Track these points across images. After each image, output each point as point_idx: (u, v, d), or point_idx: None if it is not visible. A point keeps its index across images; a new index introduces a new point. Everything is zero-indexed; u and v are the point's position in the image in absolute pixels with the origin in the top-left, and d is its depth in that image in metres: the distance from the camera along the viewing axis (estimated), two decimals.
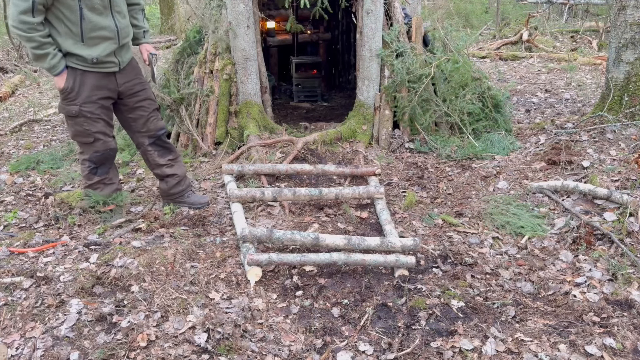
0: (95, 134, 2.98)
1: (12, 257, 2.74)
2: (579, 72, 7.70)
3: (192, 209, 3.35)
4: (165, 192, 3.34)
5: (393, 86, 4.45)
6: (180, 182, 3.33)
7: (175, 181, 3.31)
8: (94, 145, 3.02)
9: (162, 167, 3.27)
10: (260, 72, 4.63)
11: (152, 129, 3.18)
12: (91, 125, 2.95)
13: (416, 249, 2.74)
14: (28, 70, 8.30)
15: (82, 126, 2.95)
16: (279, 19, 6.87)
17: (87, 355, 1.99)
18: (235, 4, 4.30)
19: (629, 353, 2.07)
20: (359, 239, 2.77)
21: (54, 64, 2.77)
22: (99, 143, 3.01)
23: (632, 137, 3.98)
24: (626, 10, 4.11)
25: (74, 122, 2.95)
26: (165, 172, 3.28)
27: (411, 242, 2.74)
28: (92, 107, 2.92)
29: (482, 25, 12.28)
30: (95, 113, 2.93)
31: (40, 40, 2.67)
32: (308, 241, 2.75)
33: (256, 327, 2.22)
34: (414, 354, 2.09)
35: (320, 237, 2.75)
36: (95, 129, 2.97)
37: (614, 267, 2.60)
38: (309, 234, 2.76)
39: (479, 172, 3.92)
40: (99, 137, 3.00)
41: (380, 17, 4.45)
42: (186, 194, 3.37)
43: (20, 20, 2.61)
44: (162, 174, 3.29)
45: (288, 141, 4.18)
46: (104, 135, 3.02)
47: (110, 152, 3.11)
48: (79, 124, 2.94)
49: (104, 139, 3.02)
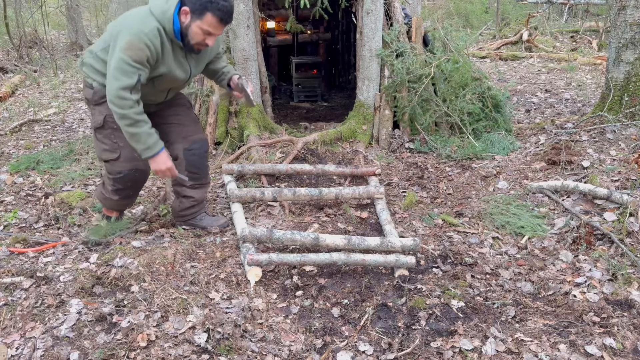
0: (122, 148, 2.71)
1: (12, 257, 2.74)
2: (579, 72, 7.70)
3: (205, 230, 3.11)
4: (176, 211, 3.08)
5: (393, 86, 4.45)
6: (195, 205, 3.07)
7: (189, 204, 3.04)
8: (118, 163, 2.75)
9: (185, 187, 2.99)
10: (260, 72, 4.63)
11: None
12: (119, 138, 2.69)
13: (416, 249, 2.74)
14: (28, 70, 8.30)
15: (109, 139, 2.71)
16: (279, 19, 6.87)
17: (87, 355, 1.99)
18: (235, 4, 4.30)
19: (629, 353, 2.07)
20: (359, 239, 2.77)
21: (150, 144, 2.55)
22: (123, 160, 2.73)
23: (632, 137, 3.98)
24: (626, 10, 4.11)
25: (102, 135, 2.73)
26: (185, 192, 3.01)
27: (411, 242, 2.73)
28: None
29: (482, 25, 12.28)
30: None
31: (134, 117, 2.48)
32: (308, 241, 2.75)
33: (256, 327, 2.22)
34: (414, 354, 2.09)
35: (320, 237, 2.75)
36: (123, 142, 2.68)
37: (614, 267, 2.60)
38: (309, 234, 2.76)
39: (479, 172, 3.92)
40: (126, 154, 2.72)
41: (380, 17, 4.45)
42: (198, 216, 3.11)
43: (118, 96, 2.44)
44: (181, 192, 3.02)
45: (288, 141, 4.18)
46: (131, 151, 2.70)
47: (137, 173, 2.81)
48: (106, 136, 2.72)
49: (131, 155, 2.72)
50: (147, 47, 2.44)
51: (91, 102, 2.72)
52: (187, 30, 2.51)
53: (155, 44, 2.47)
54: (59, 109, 6.33)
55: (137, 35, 2.42)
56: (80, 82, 7.94)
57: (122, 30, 2.46)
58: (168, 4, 2.49)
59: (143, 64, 2.45)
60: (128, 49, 2.41)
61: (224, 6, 2.46)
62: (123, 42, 2.42)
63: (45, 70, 8.72)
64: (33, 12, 10.72)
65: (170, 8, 2.47)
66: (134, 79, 2.44)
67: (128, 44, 2.41)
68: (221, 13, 2.45)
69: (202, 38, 2.52)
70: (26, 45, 9.41)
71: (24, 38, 9.32)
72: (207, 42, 2.55)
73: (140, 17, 2.49)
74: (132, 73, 2.43)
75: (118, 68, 2.43)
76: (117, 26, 2.54)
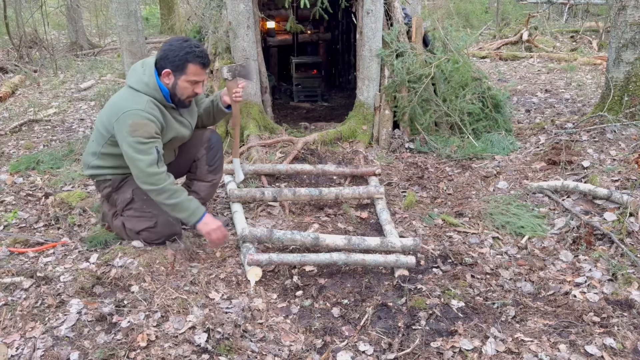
0: (158, 215, 2.67)
1: (12, 257, 2.73)
2: (579, 72, 7.70)
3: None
4: None
5: (393, 86, 4.45)
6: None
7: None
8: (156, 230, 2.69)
9: (195, 180, 2.98)
10: (260, 72, 4.63)
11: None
12: (152, 207, 2.67)
13: (416, 249, 2.74)
14: (28, 70, 8.30)
15: (141, 210, 2.69)
16: (279, 19, 6.86)
17: (87, 355, 1.99)
18: (235, 4, 4.30)
19: (629, 353, 2.07)
20: (359, 239, 2.77)
21: (194, 209, 2.57)
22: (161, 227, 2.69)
23: (632, 137, 3.97)
24: (626, 10, 4.11)
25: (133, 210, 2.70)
26: (193, 187, 2.99)
27: (411, 242, 2.74)
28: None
29: (482, 25, 12.28)
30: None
31: (171, 188, 2.52)
32: (308, 241, 2.75)
33: (256, 327, 2.22)
34: (414, 354, 2.09)
35: (320, 237, 2.75)
36: (156, 210, 2.67)
37: (614, 267, 2.60)
38: (309, 234, 2.76)
39: (479, 172, 3.92)
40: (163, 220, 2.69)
41: (380, 17, 4.45)
42: None
43: (148, 174, 2.48)
44: (190, 185, 3.01)
45: (288, 141, 4.18)
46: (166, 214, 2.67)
47: (173, 237, 2.77)
48: (137, 209, 2.69)
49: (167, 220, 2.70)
50: (151, 121, 2.49)
51: (114, 189, 2.74)
52: (175, 89, 2.58)
53: (156, 115, 2.53)
54: (59, 109, 6.33)
55: (136, 115, 2.46)
56: (80, 82, 7.94)
57: (118, 117, 2.49)
58: (146, 75, 2.54)
59: (154, 137, 2.51)
60: (135, 130, 2.46)
61: (201, 52, 2.55)
62: (127, 127, 2.46)
63: (45, 70, 8.72)
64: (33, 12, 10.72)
65: (150, 78, 2.53)
66: (154, 153, 2.50)
67: (133, 127, 2.46)
68: (201, 59, 2.54)
69: (191, 89, 2.59)
70: (26, 45, 9.40)
71: (24, 38, 9.32)
72: (196, 91, 2.62)
73: (129, 99, 2.52)
74: (150, 148, 2.49)
75: (135, 150, 2.47)
76: (109, 118, 2.56)
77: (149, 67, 2.57)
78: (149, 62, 2.61)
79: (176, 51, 2.52)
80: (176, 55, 2.51)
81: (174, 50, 2.52)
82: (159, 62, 2.56)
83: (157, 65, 2.56)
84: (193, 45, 2.53)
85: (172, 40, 2.58)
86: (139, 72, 2.58)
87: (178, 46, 2.52)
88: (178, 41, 2.55)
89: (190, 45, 2.52)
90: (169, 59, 2.52)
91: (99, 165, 2.70)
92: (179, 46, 2.52)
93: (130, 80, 2.57)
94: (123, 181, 2.73)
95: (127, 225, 2.77)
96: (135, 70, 2.61)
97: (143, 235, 2.74)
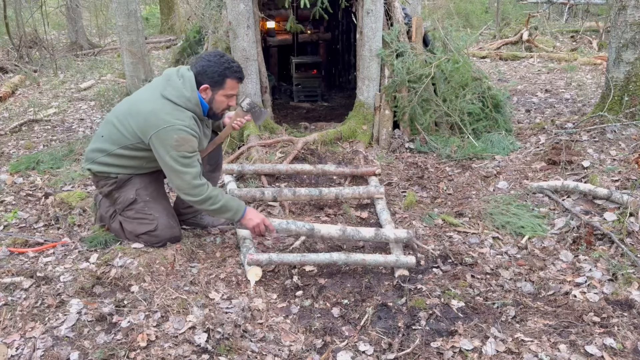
0: (158, 218, 2.72)
1: (12, 257, 2.73)
2: (579, 72, 7.70)
3: (205, 230, 3.10)
4: (178, 210, 3.01)
5: (393, 86, 4.45)
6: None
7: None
8: (156, 233, 2.72)
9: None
10: (260, 72, 4.63)
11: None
12: (153, 209, 2.73)
13: (410, 241, 2.77)
14: (28, 70, 8.30)
15: (142, 212, 2.72)
16: (279, 19, 6.87)
17: (87, 355, 1.99)
18: (235, 4, 4.30)
19: (629, 353, 2.07)
20: (354, 230, 2.80)
21: (236, 207, 2.65)
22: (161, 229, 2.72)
23: (632, 137, 3.97)
24: (626, 10, 4.11)
25: (134, 211, 2.72)
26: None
27: (404, 234, 2.77)
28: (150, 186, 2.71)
29: (482, 25, 12.28)
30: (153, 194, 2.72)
31: (213, 194, 2.58)
32: (303, 231, 2.78)
33: (256, 327, 2.22)
34: (414, 354, 2.09)
35: (315, 228, 2.78)
36: (157, 212, 2.72)
37: (614, 267, 2.60)
38: (304, 224, 2.80)
39: (479, 172, 3.92)
40: (163, 222, 2.72)
41: (380, 17, 4.45)
42: (199, 215, 3.09)
43: (194, 186, 2.54)
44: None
45: (288, 141, 4.18)
46: (167, 217, 2.75)
47: (173, 240, 2.79)
48: (138, 211, 2.72)
49: (167, 223, 2.74)
50: (194, 137, 2.55)
51: (116, 188, 2.73)
52: (212, 103, 2.64)
53: (197, 131, 2.59)
54: (59, 109, 6.33)
55: (181, 130, 2.50)
56: (80, 82, 7.94)
57: (158, 130, 2.50)
58: (188, 90, 2.56)
59: (196, 150, 2.59)
60: (180, 145, 2.50)
61: (238, 67, 2.63)
62: (171, 141, 2.49)
63: (45, 70, 8.72)
64: (33, 12, 10.72)
65: (193, 93, 2.56)
66: (197, 166, 2.57)
67: (178, 142, 2.49)
68: (238, 74, 2.62)
69: (226, 103, 2.66)
70: (26, 45, 9.41)
71: (24, 38, 9.32)
72: (230, 104, 2.69)
73: (170, 113, 2.52)
74: (193, 161, 2.55)
75: (180, 164, 2.52)
76: (142, 126, 2.55)
77: (189, 82, 2.56)
78: (188, 75, 2.58)
79: (214, 67, 2.57)
80: (215, 71, 2.57)
81: (212, 67, 2.57)
82: (198, 77, 2.58)
83: (195, 80, 2.58)
84: (230, 61, 2.61)
85: (209, 56, 2.61)
86: (179, 85, 2.55)
87: (216, 62, 2.57)
88: (215, 57, 2.60)
89: (227, 61, 2.59)
90: (208, 75, 2.57)
91: (107, 163, 2.70)
92: (217, 62, 2.57)
93: (169, 92, 2.55)
94: (128, 181, 2.73)
95: (126, 228, 2.77)
96: (172, 82, 2.57)
97: (143, 239, 2.75)
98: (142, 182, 2.74)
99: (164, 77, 2.64)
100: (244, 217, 2.67)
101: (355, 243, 2.98)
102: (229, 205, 2.65)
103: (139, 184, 2.71)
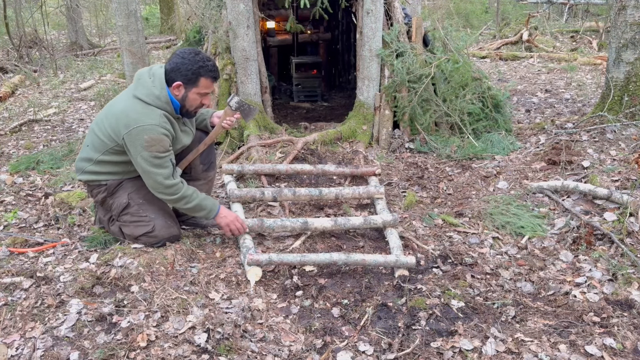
0: (155, 219, 2.70)
1: (12, 257, 2.73)
2: (579, 72, 7.70)
3: (205, 230, 3.09)
4: (176, 209, 2.95)
5: (393, 86, 4.45)
6: None
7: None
8: (154, 234, 2.71)
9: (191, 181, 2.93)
10: (260, 72, 4.63)
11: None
12: (148, 210, 2.72)
13: (395, 223, 2.99)
14: (28, 70, 8.30)
15: (137, 215, 2.71)
16: (279, 19, 6.86)
17: (87, 355, 1.99)
18: (235, 4, 4.30)
19: (629, 353, 2.07)
20: (344, 219, 3.00)
21: (210, 206, 2.69)
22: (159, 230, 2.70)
23: (632, 137, 3.98)
24: (626, 10, 4.11)
25: (129, 215, 2.71)
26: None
27: (390, 217, 3.00)
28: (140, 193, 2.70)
29: (482, 25, 12.28)
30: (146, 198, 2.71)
31: (186, 193, 2.61)
32: (298, 226, 2.94)
33: (256, 327, 2.22)
34: (414, 354, 2.09)
35: (309, 221, 2.94)
36: (153, 214, 2.71)
37: (614, 267, 2.60)
38: (298, 220, 2.95)
39: (479, 172, 3.92)
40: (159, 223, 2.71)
41: (380, 17, 4.45)
42: None
43: (166, 186, 2.57)
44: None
45: (288, 141, 4.18)
46: (163, 217, 2.74)
47: (172, 239, 2.78)
48: (133, 214, 2.71)
49: (165, 223, 2.73)
50: (166, 135, 2.54)
51: (109, 194, 2.74)
52: (185, 101, 2.62)
53: (169, 128, 2.56)
54: (59, 109, 6.33)
55: (151, 130, 2.49)
56: (80, 82, 7.94)
57: (130, 131, 2.49)
58: (157, 88, 2.54)
59: (168, 150, 2.57)
60: (151, 145, 2.49)
61: (213, 66, 2.60)
62: (142, 142, 2.49)
63: (45, 70, 8.72)
64: (33, 12, 10.72)
65: (162, 91, 2.54)
66: (170, 166, 2.58)
67: (149, 142, 2.49)
68: (213, 73, 2.59)
69: (200, 101, 2.64)
70: (26, 45, 9.41)
71: (24, 38, 9.32)
72: (204, 103, 2.66)
73: (140, 112, 2.51)
74: (166, 162, 2.56)
75: (152, 165, 2.52)
76: (114, 128, 2.55)
77: (159, 79, 2.55)
78: (158, 73, 2.58)
79: (188, 65, 2.54)
80: (189, 69, 2.54)
81: (187, 64, 2.54)
82: (170, 74, 2.56)
83: (167, 77, 2.57)
84: (205, 59, 2.57)
85: (183, 53, 2.58)
86: (148, 83, 2.55)
87: (190, 60, 2.55)
88: (190, 54, 2.57)
89: (202, 59, 2.56)
90: (181, 72, 2.55)
91: (95, 171, 2.70)
92: (192, 60, 2.55)
93: (139, 91, 2.54)
94: (118, 186, 2.73)
95: (125, 231, 2.77)
96: (142, 81, 2.57)
97: (142, 240, 2.74)
98: (134, 185, 2.74)
99: (136, 76, 2.64)
100: (217, 215, 2.73)
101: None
102: (203, 204, 2.68)
103: (130, 188, 2.72)
